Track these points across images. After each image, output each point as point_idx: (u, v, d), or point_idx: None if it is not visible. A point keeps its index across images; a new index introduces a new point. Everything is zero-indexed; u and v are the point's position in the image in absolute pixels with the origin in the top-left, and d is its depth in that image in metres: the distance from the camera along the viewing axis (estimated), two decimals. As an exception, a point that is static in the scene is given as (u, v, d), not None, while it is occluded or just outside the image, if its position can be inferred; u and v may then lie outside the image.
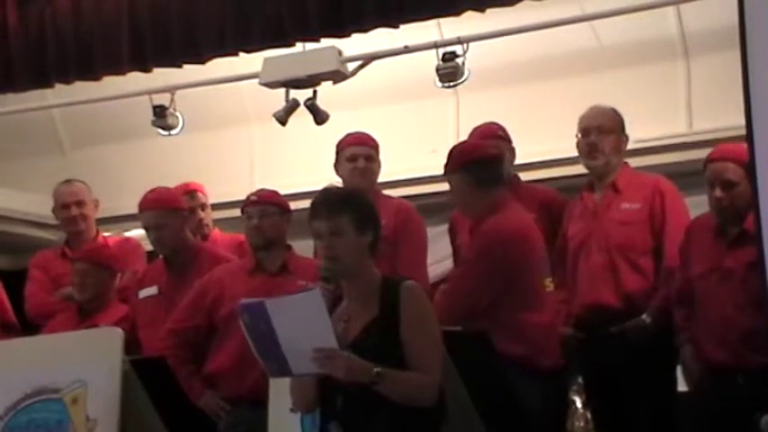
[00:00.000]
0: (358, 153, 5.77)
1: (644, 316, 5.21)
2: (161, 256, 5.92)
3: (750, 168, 4.06)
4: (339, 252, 3.78)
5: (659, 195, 5.34)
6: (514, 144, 5.77)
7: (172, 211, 5.82)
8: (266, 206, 5.51)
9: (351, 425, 3.74)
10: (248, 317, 3.70)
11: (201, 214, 6.41)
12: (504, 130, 5.76)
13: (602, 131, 5.40)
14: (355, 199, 3.92)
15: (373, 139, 5.86)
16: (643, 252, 5.30)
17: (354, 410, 3.73)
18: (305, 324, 3.62)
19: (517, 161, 5.85)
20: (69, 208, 6.40)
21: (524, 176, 6.06)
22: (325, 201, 3.86)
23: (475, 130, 5.82)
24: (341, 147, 5.86)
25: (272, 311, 3.65)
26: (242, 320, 3.71)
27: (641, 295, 5.25)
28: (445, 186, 7.24)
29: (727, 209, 4.93)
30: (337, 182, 5.68)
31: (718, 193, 4.94)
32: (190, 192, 6.36)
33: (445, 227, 6.00)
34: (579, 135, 5.47)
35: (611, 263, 5.28)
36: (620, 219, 5.34)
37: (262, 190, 5.67)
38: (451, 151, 5.24)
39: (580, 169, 5.71)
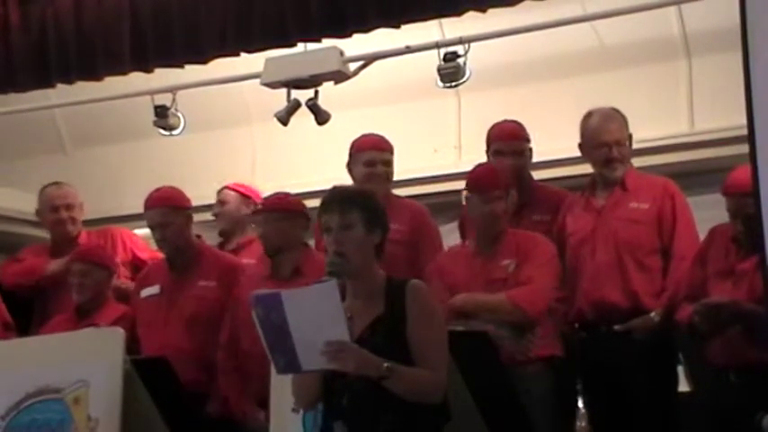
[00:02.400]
0: (377, 158, 5.78)
1: (652, 314, 5.21)
2: (164, 256, 5.93)
3: (752, 169, 4.06)
4: (347, 248, 3.78)
5: (669, 197, 5.35)
6: (516, 143, 5.78)
7: (177, 209, 5.84)
8: (269, 213, 5.55)
9: (356, 424, 3.73)
10: (261, 308, 3.67)
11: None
12: (525, 130, 5.78)
13: (620, 144, 5.40)
14: (367, 198, 3.93)
15: (389, 143, 5.87)
16: (650, 251, 5.30)
17: (360, 409, 3.72)
18: (318, 316, 3.61)
19: (518, 160, 5.85)
20: (59, 211, 6.44)
21: (526, 176, 6.05)
22: (337, 196, 3.88)
23: (496, 127, 5.82)
24: (357, 149, 5.85)
25: (286, 302, 3.62)
26: (254, 312, 3.68)
27: (647, 294, 5.25)
28: (447, 186, 7.29)
29: (750, 234, 4.92)
30: (341, 182, 5.68)
31: (740, 223, 4.94)
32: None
33: (447, 227, 6.01)
34: (591, 145, 5.45)
35: (618, 261, 5.29)
36: (628, 217, 5.34)
37: (269, 196, 5.71)
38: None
39: (582, 169, 5.72)
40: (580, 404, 5.83)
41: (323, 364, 3.64)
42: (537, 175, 6.53)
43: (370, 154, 5.78)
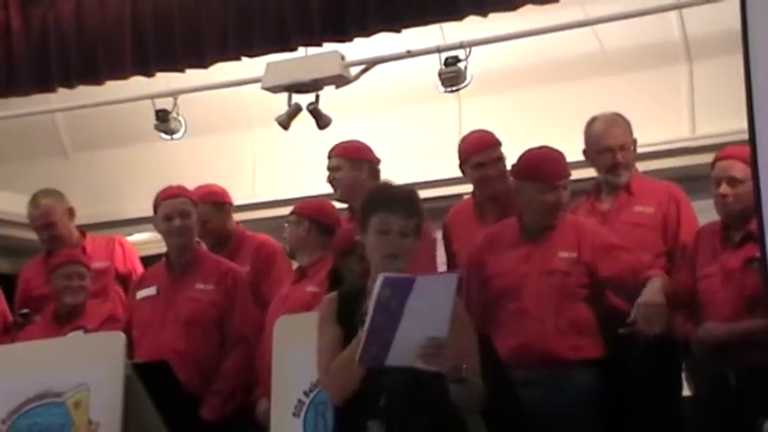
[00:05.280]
0: (329, 166, 5.81)
1: None
2: (163, 258, 5.93)
3: (753, 172, 4.07)
4: (402, 252, 3.74)
5: (674, 202, 5.33)
6: (517, 148, 5.76)
7: (195, 204, 5.84)
8: (290, 216, 5.65)
9: (394, 424, 3.69)
10: (389, 292, 3.55)
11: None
12: (495, 135, 5.76)
13: (624, 149, 5.38)
14: (421, 205, 3.89)
15: (347, 149, 5.84)
16: (655, 255, 5.28)
17: (399, 410, 3.68)
18: (432, 308, 3.54)
19: (520, 165, 5.84)
20: (39, 231, 6.45)
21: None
22: (403, 198, 3.83)
23: (468, 140, 5.79)
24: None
25: (416, 288, 3.53)
26: (378, 294, 3.55)
27: None
28: (447, 190, 7.29)
29: (732, 205, 4.93)
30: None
31: (723, 189, 4.95)
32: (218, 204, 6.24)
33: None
34: (595, 150, 5.42)
35: None
36: (633, 221, 5.32)
37: (307, 201, 5.83)
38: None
39: (582, 173, 5.70)
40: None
41: (408, 360, 3.56)
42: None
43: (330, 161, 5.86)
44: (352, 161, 5.77)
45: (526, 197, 5.12)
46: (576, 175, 5.97)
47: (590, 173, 5.68)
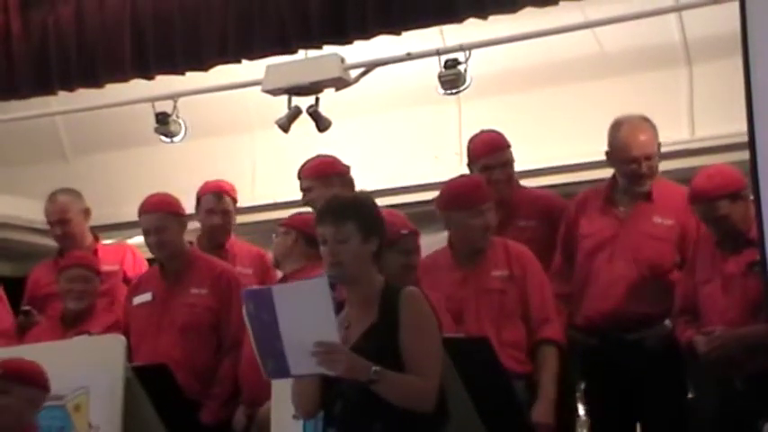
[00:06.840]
0: (302, 188, 5.84)
1: (667, 322, 5.19)
2: (157, 263, 5.93)
3: (752, 174, 4.07)
4: (343, 258, 3.78)
5: (693, 212, 5.29)
6: (517, 151, 5.77)
7: (174, 215, 5.84)
8: (279, 228, 5.65)
9: (348, 430, 3.72)
10: (253, 305, 3.61)
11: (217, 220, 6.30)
12: (504, 136, 5.75)
13: (649, 158, 5.33)
14: (362, 206, 3.91)
15: (315, 168, 5.87)
16: (671, 268, 5.27)
17: (352, 417, 3.71)
18: (309, 314, 3.56)
19: (519, 168, 5.84)
20: (53, 227, 6.45)
21: (527, 183, 6.05)
22: (331, 207, 3.88)
23: (477, 140, 5.78)
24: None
25: (277, 298, 3.57)
26: (245, 309, 3.63)
27: (665, 308, 5.21)
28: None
29: (726, 235, 4.94)
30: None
31: (713, 227, 4.98)
32: (218, 193, 6.29)
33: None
34: (619, 158, 5.37)
35: (638, 275, 5.24)
36: (652, 233, 5.28)
37: (297, 213, 5.79)
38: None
39: (583, 176, 5.71)
40: (581, 411, 5.82)
41: (312, 367, 3.59)
42: (537, 182, 6.54)
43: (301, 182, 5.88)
44: (322, 179, 5.79)
45: (455, 225, 5.19)
46: (576, 177, 5.98)
47: (587, 175, 5.66)
